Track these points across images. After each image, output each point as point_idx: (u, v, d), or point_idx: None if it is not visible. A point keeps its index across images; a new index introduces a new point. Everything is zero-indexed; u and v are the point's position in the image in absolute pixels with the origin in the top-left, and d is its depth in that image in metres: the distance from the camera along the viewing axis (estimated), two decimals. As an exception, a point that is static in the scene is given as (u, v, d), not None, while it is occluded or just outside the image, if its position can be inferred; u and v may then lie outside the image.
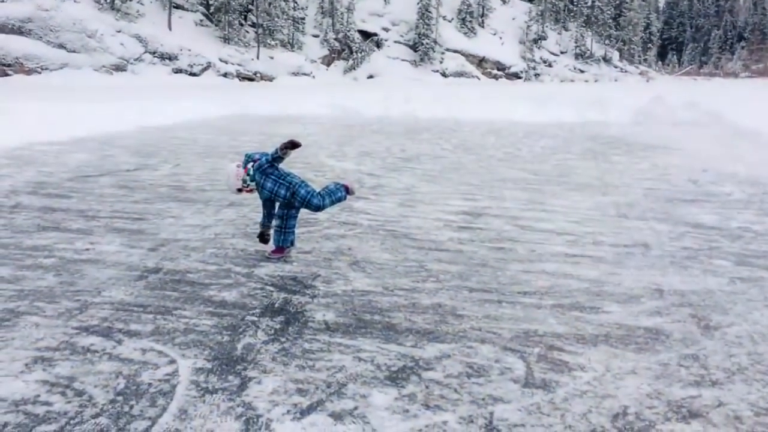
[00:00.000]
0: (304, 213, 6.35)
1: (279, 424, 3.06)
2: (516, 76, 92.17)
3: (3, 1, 49.60)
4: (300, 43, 76.00)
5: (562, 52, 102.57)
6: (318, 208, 5.59)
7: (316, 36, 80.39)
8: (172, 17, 64.09)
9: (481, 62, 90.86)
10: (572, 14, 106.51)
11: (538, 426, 3.09)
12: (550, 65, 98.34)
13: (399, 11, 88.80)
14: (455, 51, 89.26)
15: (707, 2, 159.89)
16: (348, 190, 5.80)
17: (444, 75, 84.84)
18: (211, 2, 67.64)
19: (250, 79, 65.05)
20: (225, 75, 62.40)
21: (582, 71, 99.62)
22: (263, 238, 5.77)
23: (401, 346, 3.94)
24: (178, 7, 66.84)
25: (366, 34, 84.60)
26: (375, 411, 3.20)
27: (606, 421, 3.14)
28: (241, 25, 70.62)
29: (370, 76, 77.96)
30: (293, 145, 5.34)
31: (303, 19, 77.56)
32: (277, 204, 5.64)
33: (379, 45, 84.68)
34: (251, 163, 5.50)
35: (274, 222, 5.70)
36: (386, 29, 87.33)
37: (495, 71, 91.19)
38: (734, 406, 3.31)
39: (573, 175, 10.62)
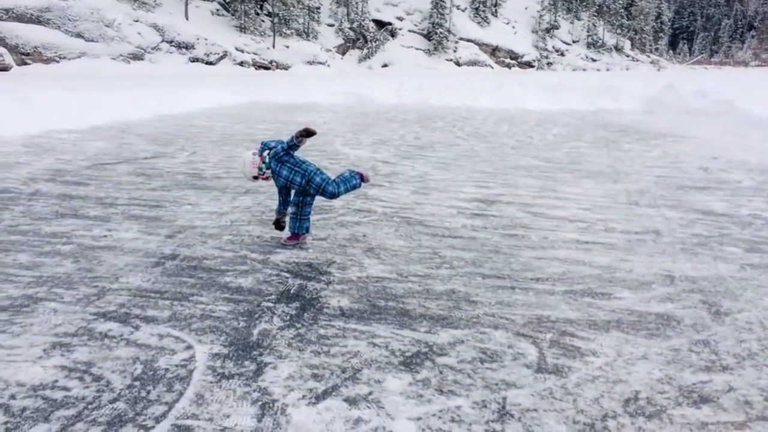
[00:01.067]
0: (319, 200, 6.41)
1: (294, 409, 3.09)
2: (529, 65, 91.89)
3: None
4: (315, 33, 76.02)
5: (574, 41, 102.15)
6: (333, 196, 5.61)
7: (331, 25, 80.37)
8: (188, 7, 64.23)
9: (494, 51, 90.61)
10: (584, 4, 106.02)
11: (551, 411, 3.12)
12: (562, 54, 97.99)
13: (413, 1, 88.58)
14: (469, 40, 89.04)
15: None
16: (363, 178, 5.82)
17: (458, 64, 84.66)
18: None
19: (266, 68, 65.13)
20: (241, 64, 62.51)
21: (594, 60, 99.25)
22: (279, 225, 5.80)
23: (415, 331, 3.97)
24: (194, -4, 67.01)
25: (380, 24, 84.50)
26: (389, 396, 3.23)
27: (617, 405, 3.17)
28: (257, 14, 70.68)
29: (385, 65, 77.89)
30: (308, 133, 5.35)
31: (318, 8, 77.56)
32: (293, 191, 5.66)
33: (393, 34, 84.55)
34: (267, 151, 5.53)
35: (290, 209, 5.72)
36: (400, 18, 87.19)
37: (508, 60, 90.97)
38: (744, 391, 3.32)
39: (585, 163, 10.59)
